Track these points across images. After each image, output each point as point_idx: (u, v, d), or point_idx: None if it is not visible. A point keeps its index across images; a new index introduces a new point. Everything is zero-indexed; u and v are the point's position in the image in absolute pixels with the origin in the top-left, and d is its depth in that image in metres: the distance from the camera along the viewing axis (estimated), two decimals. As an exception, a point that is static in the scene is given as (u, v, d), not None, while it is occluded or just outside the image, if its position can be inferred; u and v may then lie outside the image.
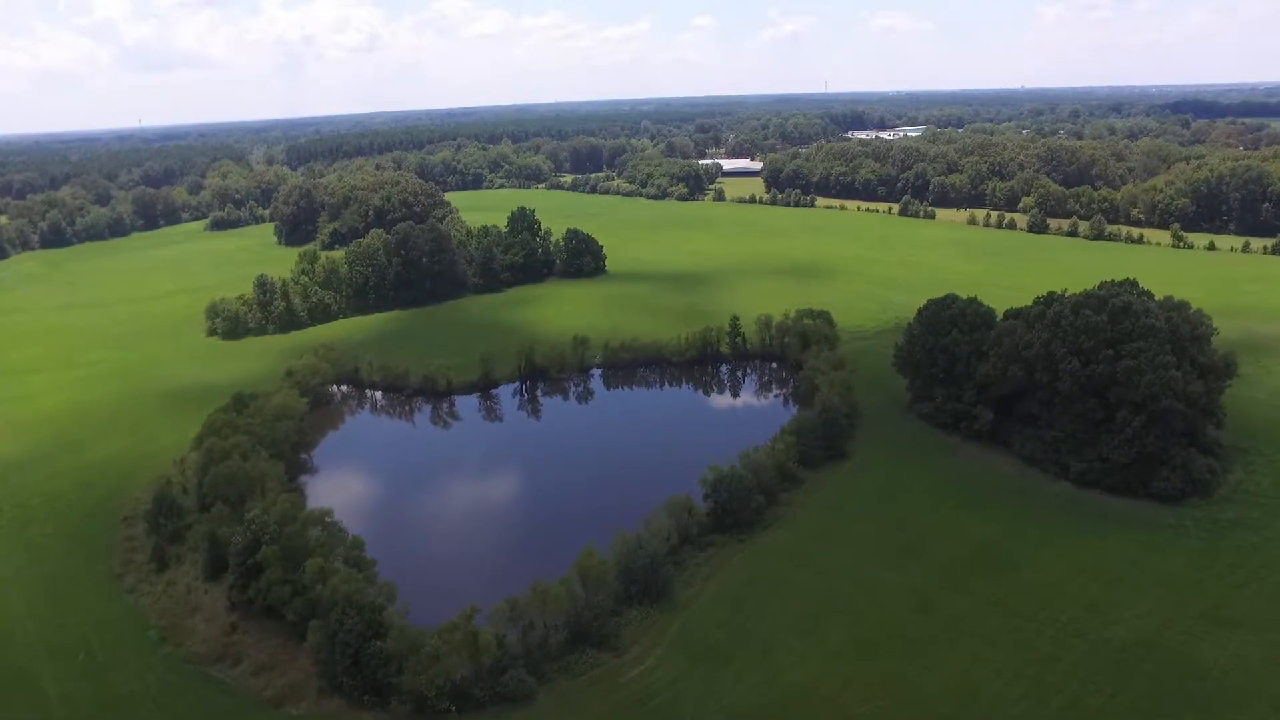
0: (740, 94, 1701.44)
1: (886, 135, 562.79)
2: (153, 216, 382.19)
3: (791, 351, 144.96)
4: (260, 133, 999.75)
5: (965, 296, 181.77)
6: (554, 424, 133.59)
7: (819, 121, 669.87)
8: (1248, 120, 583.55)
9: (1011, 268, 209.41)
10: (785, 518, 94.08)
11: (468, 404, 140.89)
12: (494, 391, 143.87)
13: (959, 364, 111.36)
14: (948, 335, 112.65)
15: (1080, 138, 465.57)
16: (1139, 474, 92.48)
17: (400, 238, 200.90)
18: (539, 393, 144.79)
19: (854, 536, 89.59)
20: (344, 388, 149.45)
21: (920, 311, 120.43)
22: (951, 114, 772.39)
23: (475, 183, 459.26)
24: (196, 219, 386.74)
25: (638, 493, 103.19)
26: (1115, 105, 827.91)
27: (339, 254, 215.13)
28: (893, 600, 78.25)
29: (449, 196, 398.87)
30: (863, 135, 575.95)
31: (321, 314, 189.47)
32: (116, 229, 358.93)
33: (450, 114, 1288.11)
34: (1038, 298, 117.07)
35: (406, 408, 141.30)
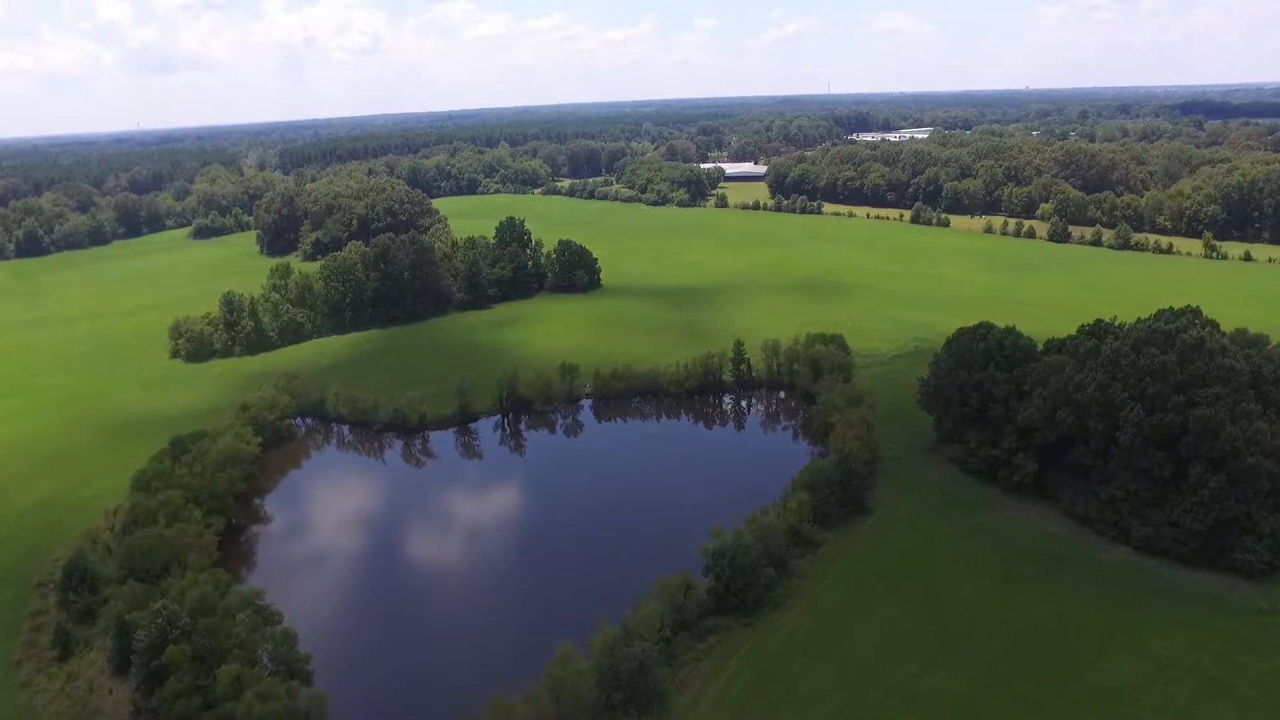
0: (743, 95, 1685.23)
1: (893, 137, 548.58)
2: (135, 224, 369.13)
3: (802, 381, 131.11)
4: (259, 135, 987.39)
5: (989, 313, 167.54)
6: (534, 468, 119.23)
7: (823, 123, 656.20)
8: (1261, 121, 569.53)
9: (1037, 281, 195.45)
10: (799, 593, 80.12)
11: (443, 441, 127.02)
12: (473, 426, 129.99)
13: (996, 404, 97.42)
14: (982, 371, 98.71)
15: (1093, 139, 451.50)
16: (1217, 542, 78.45)
17: (379, 250, 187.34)
18: (522, 427, 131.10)
19: (880, 621, 75.61)
20: (309, 421, 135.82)
21: (949, 342, 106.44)
22: (958, 115, 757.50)
23: (470, 188, 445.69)
24: (181, 226, 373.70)
25: (628, 558, 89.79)
26: (1123, 106, 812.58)
27: (314, 267, 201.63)
28: (931, 713, 64.27)
29: (442, 202, 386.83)
30: (868, 137, 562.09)
31: (293, 334, 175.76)
32: (97, 237, 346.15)
33: (451, 116, 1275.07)
34: (1083, 327, 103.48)
35: (375, 445, 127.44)
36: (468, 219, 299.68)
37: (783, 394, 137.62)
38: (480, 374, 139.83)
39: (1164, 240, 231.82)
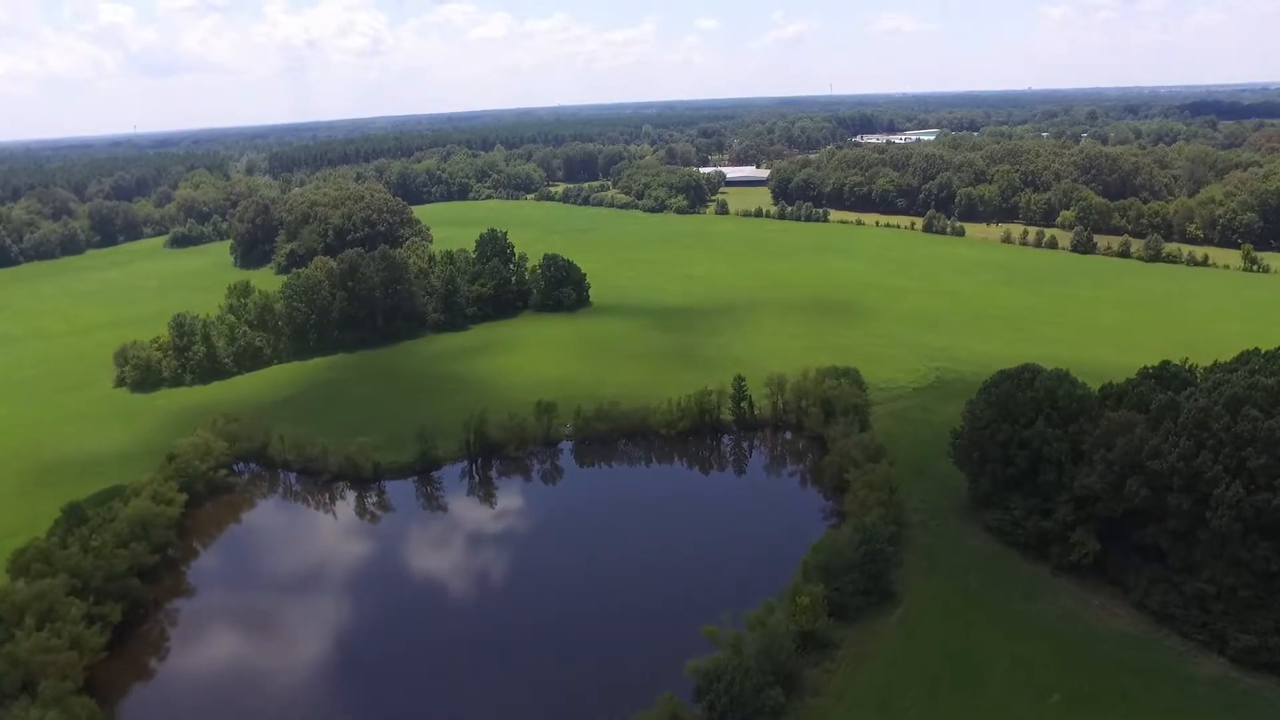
0: (744, 97, 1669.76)
1: (898, 139, 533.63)
2: (111, 232, 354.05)
3: (812, 422, 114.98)
4: (256, 138, 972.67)
5: (1016, 336, 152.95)
6: (498, 531, 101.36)
7: (826, 125, 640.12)
8: (1278, 121, 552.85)
9: (1066, 298, 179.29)
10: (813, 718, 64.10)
11: (402, 492, 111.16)
12: (436, 474, 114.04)
13: (1047, 465, 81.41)
14: (1030, 426, 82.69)
15: (1105, 141, 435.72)
16: (1342, 660, 62.45)
17: (347, 267, 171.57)
18: (493, 474, 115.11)
19: (920, 764, 59.63)
20: (253, 466, 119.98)
21: (988, 387, 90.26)
22: (963, 116, 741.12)
23: (461, 193, 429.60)
24: (159, 234, 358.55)
25: (601, 662, 73.79)
26: (1130, 107, 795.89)
27: (281, 282, 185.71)
28: None
29: (430, 209, 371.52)
30: (873, 139, 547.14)
31: (251, 360, 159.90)
32: (69, 246, 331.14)
33: (451, 118, 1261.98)
34: (1145, 370, 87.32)
35: (325, 496, 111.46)
36: (455, 227, 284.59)
37: (789, 434, 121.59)
38: (450, 409, 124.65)
39: (1198, 251, 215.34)
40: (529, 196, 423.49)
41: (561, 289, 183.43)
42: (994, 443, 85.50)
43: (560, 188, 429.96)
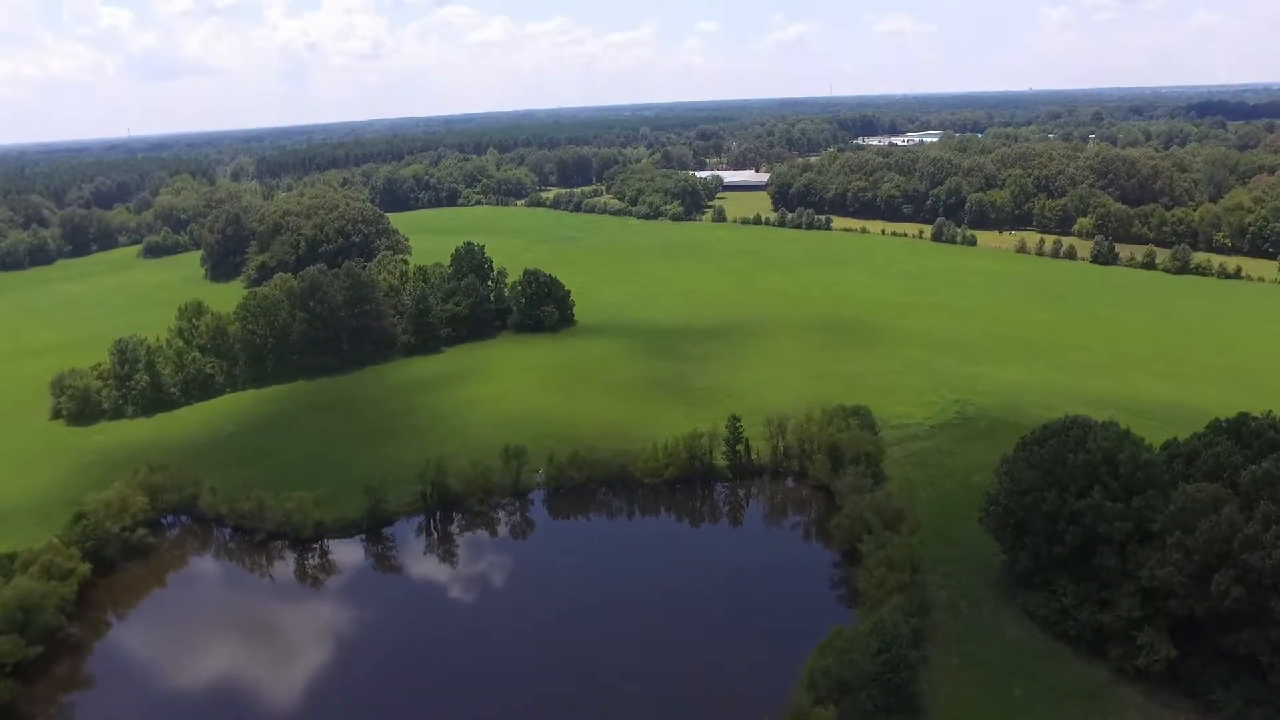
0: (744, 99, 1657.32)
1: (900, 141, 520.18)
2: (84, 241, 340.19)
3: (817, 471, 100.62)
4: (251, 141, 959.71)
5: (1043, 363, 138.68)
6: (448, 609, 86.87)
7: (828, 126, 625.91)
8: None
9: (1094, 318, 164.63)
10: None
11: (347, 554, 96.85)
12: (387, 531, 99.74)
13: (1107, 547, 67.03)
14: (1083, 496, 68.35)
15: (1114, 143, 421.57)
16: None
17: (307, 285, 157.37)
18: (453, 530, 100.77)
19: None
20: (184, 519, 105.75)
21: (1028, 445, 75.81)
22: (966, 118, 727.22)
23: (449, 199, 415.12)
24: (135, 243, 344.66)
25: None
26: (1136, 107, 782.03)
27: (239, 298, 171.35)
28: None
29: (416, 216, 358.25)
30: (875, 141, 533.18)
31: (200, 389, 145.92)
32: (38, 257, 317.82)
33: (449, 121, 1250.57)
34: (1218, 422, 72.99)
35: (262, 558, 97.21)
36: (438, 236, 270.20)
37: (791, 482, 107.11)
38: (412, 449, 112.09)
39: (1229, 262, 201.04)
40: (519, 202, 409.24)
41: (543, 307, 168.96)
42: (1037, 513, 71.21)
43: (552, 193, 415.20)
